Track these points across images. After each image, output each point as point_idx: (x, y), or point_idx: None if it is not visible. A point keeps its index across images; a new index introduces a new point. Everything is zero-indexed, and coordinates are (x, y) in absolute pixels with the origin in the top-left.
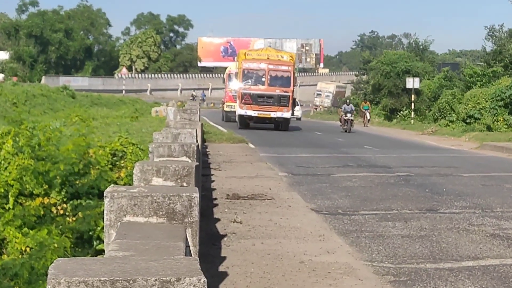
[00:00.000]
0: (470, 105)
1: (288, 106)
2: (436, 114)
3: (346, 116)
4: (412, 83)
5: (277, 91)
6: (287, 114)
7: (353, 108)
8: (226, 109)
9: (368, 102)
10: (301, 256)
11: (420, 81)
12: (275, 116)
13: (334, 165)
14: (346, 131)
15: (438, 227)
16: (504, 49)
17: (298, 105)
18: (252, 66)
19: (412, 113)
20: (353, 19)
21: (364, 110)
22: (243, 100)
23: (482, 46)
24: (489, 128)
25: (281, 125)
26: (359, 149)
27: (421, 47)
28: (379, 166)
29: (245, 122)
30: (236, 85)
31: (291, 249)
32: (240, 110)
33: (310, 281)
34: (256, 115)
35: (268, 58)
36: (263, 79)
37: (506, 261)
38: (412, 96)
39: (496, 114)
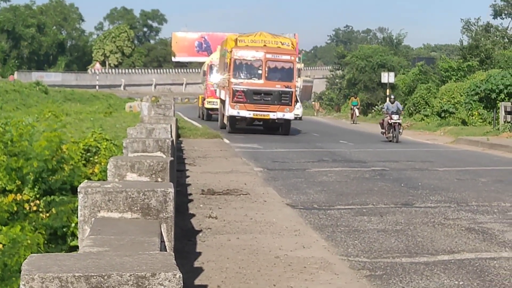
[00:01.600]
0: (445, 100)
1: (291, 105)
2: (411, 109)
3: (392, 119)
4: (387, 77)
5: (277, 86)
6: (290, 115)
7: (401, 106)
8: (207, 105)
9: (357, 98)
10: (276, 251)
11: (395, 75)
12: (274, 117)
13: (309, 160)
14: (391, 141)
15: (413, 221)
16: (481, 43)
17: (298, 101)
18: (245, 55)
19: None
20: (328, 13)
21: (352, 106)
22: (235, 98)
23: (460, 40)
24: (464, 123)
25: (281, 128)
26: (334, 144)
27: (395, 41)
28: (354, 161)
29: (238, 125)
30: (217, 78)
31: (267, 244)
32: (232, 110)
33: (286, 276)
34: (251, 116)
35: (265, 45)
36: (260, 72)
37: (482, 255)
38: (387, 90)
39: (471, 109)
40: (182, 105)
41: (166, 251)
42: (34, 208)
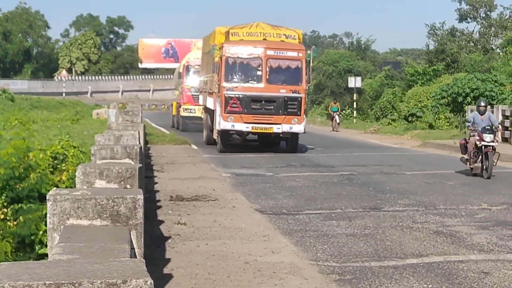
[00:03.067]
0: (411, 103)
1: (299, 115)
2: (378, 113)
3: (483, 140)
4: (354, 82)
5: (282, 91)
6: (299, 127)
7: (495, 120)
8: (183, 113)
9: (337, 103)
10: (246, 257)
11: (362, 80)
12: (279, 130)
13: (277, 165)
14: (478, 174)
15: (382, 225)
16: (446, 47)
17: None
18: (240, 52)
19: (355, 112)
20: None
21: (332, 112)
22: (228, 107)
23: (426, 44)
24: (431, 126)
25: (286, 143)
26: (302, 149)
27: (362, 46)
28: (322, 166)
29: (231, 141)
30: (196, 81)
31: (236, 249)
32: (224, 122)
33: (256, 282)
34: (249, 129)
35: (264, 39)
36: (259, 73)
37: (450, 258)
38: (354, 95)
39: (437, 112)
40: (150, 111)
41: (136, 257)
42: (2, 216)
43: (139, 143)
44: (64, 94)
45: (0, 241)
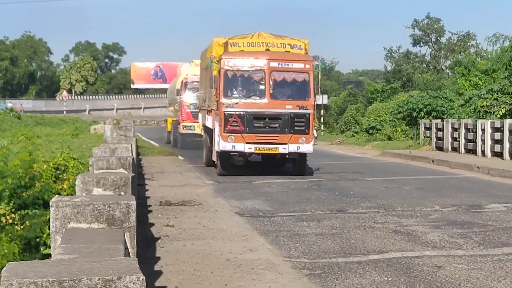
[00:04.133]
0: (372, 118)
1: (308, 133)
2: (343, 127)
3: None
4: (321, 99)
5: (288, 107)
6: (307, 147)
7: None
8: (182, 131)
9: (315, 118)
10: (227, 255)
11: (328, 97)
12: (285, 151)
13: (254, 173)
14: None
15: (347, 226)
16: (402, 68)
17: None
18: (241, 64)
19: (322, 126)
20: None
21: None
22: (228, 126)
23: (384, 66)
24: (389, 138)
25: (293, 165)
26: None
27: (328, 68)
28: (294, 174)
29: (231, 163)
30: (193, 98)
31: (218, 248)
32: (223, 143)
33: (236, 277)
34: (251, 150)
35: (267, 50)
36: (262, 87)
37: (407, 253)
38: (322, 111)
39: (395, 126)
40: (141, 126)
41: (129, 256)
42: (10, 221)
43: (132, 155)
44: (65, 112)
45: (9, 243)
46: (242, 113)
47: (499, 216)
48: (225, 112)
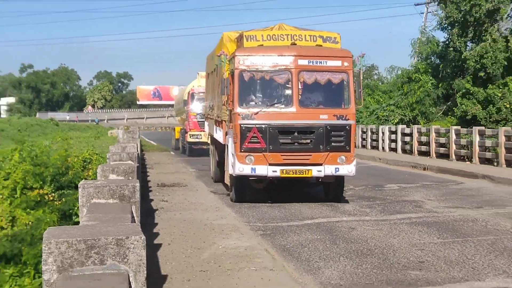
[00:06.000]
0: None
1: (348, 150)
2: None
3: None
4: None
5: (323, 116)
6: (348, 168)
7: None
8: (189, 139)
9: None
10: (205, 221)
11: None
12: (320, 174)
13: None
14: None
15: (287, 199)
16: None
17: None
18: (260, 63)
19: None
20: None
21: None
22: (245, 143)
23: None
24: None
25: (327, 189)
26: None
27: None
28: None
29: (250, 187)
30: (199, 107)
31: (198, 216)
32: (240, 165)
33: (211, 236)
34: (277, 174)
35: (294, 44)
36: (288, 92)
37: (331, 219)
38: None
39: None
40: (144, 131)
41: (135, 223)
42: (51, 198)
43: (137, 151)
44: (89, 121)
45: (50, 214)
46: (263, 126)
47: (394, 193)
48: (242, 125)
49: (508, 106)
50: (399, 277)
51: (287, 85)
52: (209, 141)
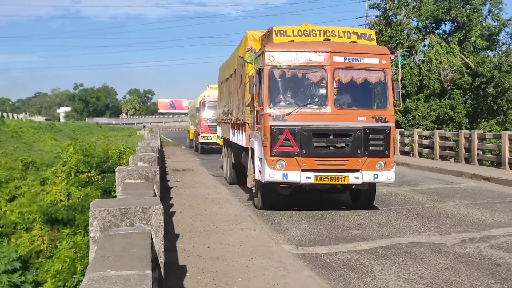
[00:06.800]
0: None
1: (388, 155)
2: None
3: None
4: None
5: (361, 118)
6: (388, 175)
7: None
8: (201, 140)
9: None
10: (206, 195)
11: None
12: (358, 181)
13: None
14: None
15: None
16: None
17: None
18: (292, 59)
19: None
20: None
21: None
22: (276, 147)
23: None
24: None
25: (358, 196)
26: None
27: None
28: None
29: (278, 195)
30: (210, 113)
31: (202, 192)
32: (271, 170)
33: (211, 206)
34: (311, 181)
35: (327, 40)
36: (323, 92)
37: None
38: None
39: None
40: (163, 131)
41: (156, 197)
42: (96, 179)
43: (158, 145)
44: (124, 124)
45: (95, 190)
46: (296, 128)
47: None
48: (273, 127)
49: (420, 114)
50: (343, 235)
51: (321, 84)
52: (217, 141)
